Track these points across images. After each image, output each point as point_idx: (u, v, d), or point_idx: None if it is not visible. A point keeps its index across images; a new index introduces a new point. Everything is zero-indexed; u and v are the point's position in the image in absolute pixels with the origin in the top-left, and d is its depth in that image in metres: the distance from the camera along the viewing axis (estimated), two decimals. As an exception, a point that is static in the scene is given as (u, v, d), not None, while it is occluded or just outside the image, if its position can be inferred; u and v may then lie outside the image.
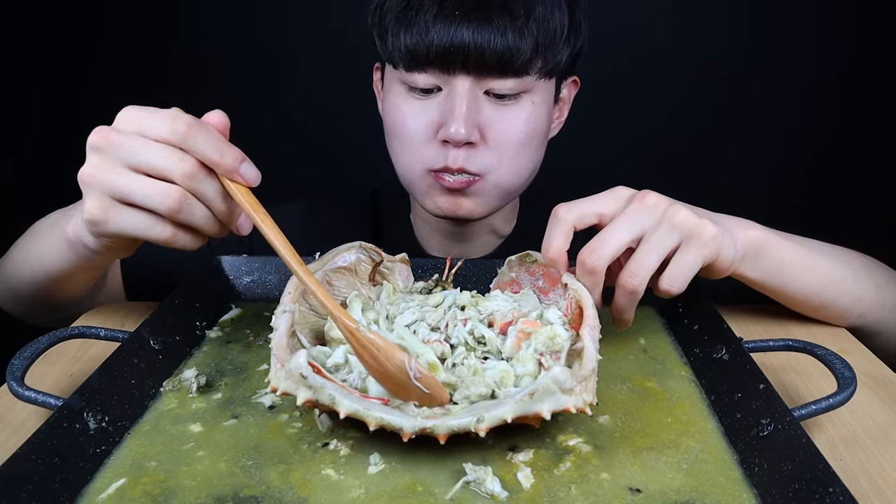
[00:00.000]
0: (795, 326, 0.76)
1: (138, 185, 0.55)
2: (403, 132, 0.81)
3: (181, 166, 0.55)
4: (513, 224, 0.98)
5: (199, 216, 0.57)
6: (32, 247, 0.75)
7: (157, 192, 0.55)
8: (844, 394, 0.53)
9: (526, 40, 0.75)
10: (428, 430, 0.47)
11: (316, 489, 0.47)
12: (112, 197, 0.56)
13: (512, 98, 0.79)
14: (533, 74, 0.78)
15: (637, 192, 0.61)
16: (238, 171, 0.56)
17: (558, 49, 0.79)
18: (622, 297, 0.60)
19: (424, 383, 0.49)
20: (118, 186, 0.56)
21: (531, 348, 0.55)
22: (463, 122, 0.76)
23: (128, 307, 0.80)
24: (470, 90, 0.77)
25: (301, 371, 0.48)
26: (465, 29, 0.73)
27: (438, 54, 0.75)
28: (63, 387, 0.63)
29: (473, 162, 0.79)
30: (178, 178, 0.55)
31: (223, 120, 0.59)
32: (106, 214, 0.57)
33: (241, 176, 0.57)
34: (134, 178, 0.56)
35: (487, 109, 0.78)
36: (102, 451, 0.50)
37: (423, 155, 0.81)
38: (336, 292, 0.64)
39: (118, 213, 0.57)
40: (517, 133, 0.80)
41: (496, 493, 0.46)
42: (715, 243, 0.60)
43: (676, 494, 0.46)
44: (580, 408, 0.49)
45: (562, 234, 0.60)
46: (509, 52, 0.74)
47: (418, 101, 0.80)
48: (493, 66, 0.75)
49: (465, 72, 0.76)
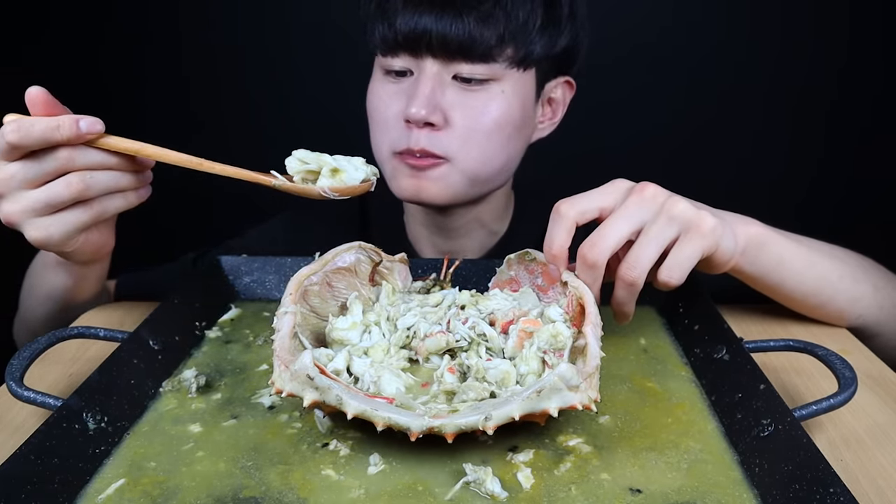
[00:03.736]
0: (796, 326, 0.76)
1: (45, 193, 0.62)
2: (375, 114, 0.85)
3: (55, 160, 0.61)
4: (507, 222, 0.98)
5: (105, 180, 0.63)
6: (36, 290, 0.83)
7: (60, 188, 0.62)
8: (845, 394, 0.53)
9: (489, 27, 0.77)
10: (436, 430, 0.47)
11: (316, 489, 0.47)
12: (38, 216, 0.63)
13: (479, 84, 0.80)
14: (501, 62, 0.80)
15: (636, 185, 0.61)
16: (81, 132, 0.61)
17: (528, 40, 0.80)
18: (622, 290, 0.60)
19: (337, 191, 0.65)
20: (37, 204, 0.62)
21: (534, 346, 0.55)
22: (423, 102, 0.79)
23: (127, 307, 0.80)
24: (437, 73, 0.80)
25: (308, 372, 0.48)
26: (429, 15, 0.77)
27: (406, 39, 0.79)
28: (62, 387, 0.63)
29: (436, 144, 0.81)
30: (64, 167, 0.61)
31: (40, 94, 0.62)
32: (47, 230, 0.63)
33: (86, 134, 0.61)
34: (40, 191, 0.62)
35: (454, 93, 0.80)
36: (102, 451, 0.50)
37: (391, 136, 0.83)
38: (336, 293, 0.64)
39: (51, 223, 0.63)
40: (482, 118, 0.81)
41: (496, 494, 0.46)
42: (714, 235, 0.60)
43: (676, 494, 0.46)
44: (586, 404, 0.49)
45: (564, 230, 0.60)
46: (471, 37, 0.77)
47: (393, 85, 0.83)
48: (457, 50, 0.78)
49: (431, 56, 0.79)
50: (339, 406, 0.48)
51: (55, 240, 0.64)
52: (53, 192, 0.62)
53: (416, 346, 0.58)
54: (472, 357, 0.56)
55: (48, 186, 0.62)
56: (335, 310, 0.63)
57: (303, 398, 0.49)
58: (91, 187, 0.62)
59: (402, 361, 0.58)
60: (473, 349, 0.57)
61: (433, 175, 0.82)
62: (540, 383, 0.47)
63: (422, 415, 0.47)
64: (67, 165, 0.61)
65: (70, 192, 0.62)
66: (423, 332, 0.58)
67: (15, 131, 0.60)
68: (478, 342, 0.58)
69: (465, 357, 0.56)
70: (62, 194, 0.62)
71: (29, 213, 0.62)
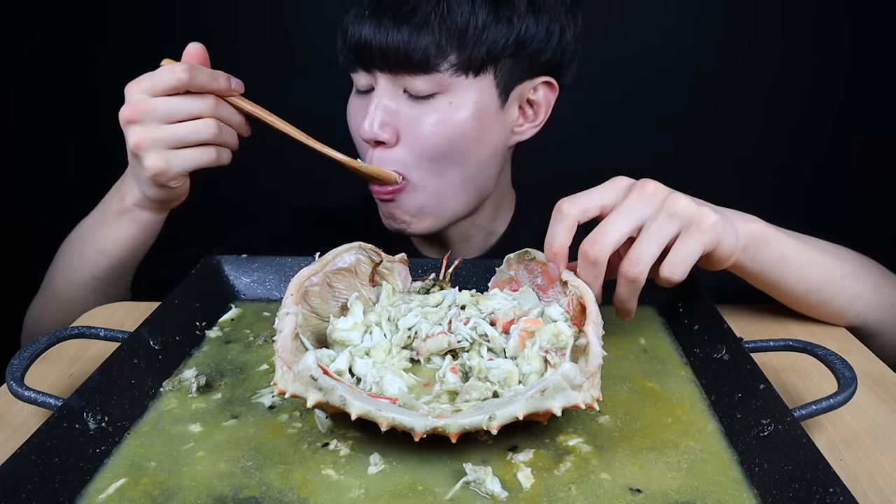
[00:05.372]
0: (796, 326, 0.76)
1: (184, 129, 0.72)
2: (352, 132, 0.86)
3: (206, 102, 0.73)
4: (507, 221, 0.98)
5: (228, 132, 0.76)
6: (86, 248, 0.84)
7: (200, 127, 0.73)
8: (845, 394, 0.53)
9: (425, 36, 0.75)
10: (440, 430, 0.47)
11: (316, 489, 0.47)
12: (167, 147, 0.72)
13: (429, 98, 0.79)
14: (445, 72, 0.77)
15: (636, 182, 0.61)
16: (231, 87, 0.75)
17: (472, 43, 0.76)
18: (624, 287, 0.60)
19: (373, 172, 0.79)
20: (169, 137, 0.72)
21: (536, 346, 0.55)
22: (373, 120, 0.79)
23: (128, 307, 0.80)
24: (387, 89, 0.79)
25: (311, 373, 0.48)
26: (367, 27, 0.77)
27: (354, 54, 0.80)
28: (63, 387, 0.63)
29: (387, 161, 0.80)
30: (208, 111, 0.73)
31: (200, 51, 0.75)
32: (168, 162, 0.72)
33: (234, 90, 0.75)
34: (176, 126, 0.72)
35: (405, 109, 0.79)
36: (102, 451, 0.50)
37: (361, 154, 0.84)
38: (336, 294, 0.64)
39: (175, 156, 0.72)
40: (431, 135, 0.79)
41: (496, 493, 0.46)
42: (715, 231, 0.60)
43: (676, 494, 0.46)
44: (589, 403, 0.49)
45: (566, 228, 0.60)
46: (407, 47, 0.75)
47: (359, 101, 0.84)
48: (397, 62, 0.77)
49: (379, 70, 0.79)
50: (343, 407, 0.48)
51: (173, 172, 0.73)
52: (193, 129, 0.72)
53: (417, 347, 0.58)
54: (474, 357, 0.56)
55: (189, 123, 0.72)
56: (336, 310, 0.63)
57: (306, 399, 0.49)
58: (221, 134, 0.74)
59: (403, 362, 0.58)
60: (475, 349, 0.58)
61: (401, 202, 0.83)
62: (543, 382, 0.48)
63: (425, 415, 0.47)
64: (211, 111, 0.73)
65: (206, 133, 0.73)
66: (424, 332, 0.58)
67: (187, 71, 0.71)
68: (479, 342, 0.58)
69: (467, 357, 0.56)
70: (200, 132, 0.72)
71: (159, 143, 0.71)
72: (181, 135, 0.72)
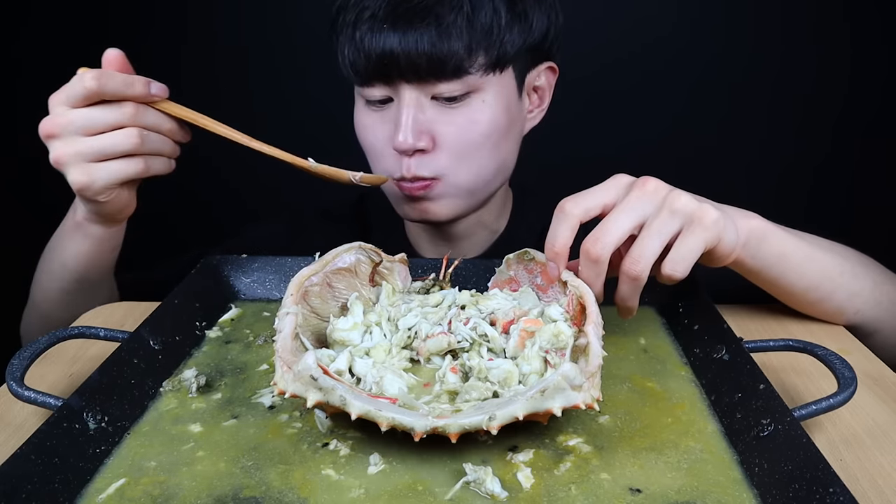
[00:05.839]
0: (796, 326, 0.76)
1: (103, 141, 0.67)
2: (366, 143, 0.85)
3: (123, 111, 0.68)
4: (505, 220, 0.98)
5: (156, 141, 0.70)
6: (52, 262, 0.83)
7: (120, 137, 0.68)
8: (845, 394, 0.53)
9: (455, 41, 0.75)
10: (440, 430, 0.47)
11: (316, 489, 0.47)
12: (87, 161, 0.68)
13: (461, 100, 0.79)
14: (476, 73, 0.78)
15: (637, 180, 0.61)
16: (150, 93, 0.69)
17: (498, 42, 0.78)
18: (625, 285, 0.60)
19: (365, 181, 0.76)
20: (88, 150, 0.67)
21: (536, 346, 0.55)
22: (408, 131, 0.78)
23: (127, 307, 0.80)
24: (415, 98, 0.78)
25: (311, 373, 0.48)
26: (392, 38, 0.75)
27: (375, 67, 0.77)
28: (63, 387, 0.63)
29: (426, 167, 0.81)
30: (127, 120, 0.68)
31: (118, 57, 0.70)
32: (90, 176, 0.68)
33: (154, 95, 0.69)
34: (95, 139, 0.67)
35: (436, 114, 0.79)
36: (102, 451, 0.50)
37: (385, 165, 0.83)
38: (337, 294, 0.64)
39: (98, 170, 0.68)
40: (469, 134, 0.80)
41: (496, 493, 0.46)
42: (716, 228, 0.60)
43: (676, 494, 0.46)
44: (589, 403, 0.49)
45: (568, 227, 0.60)
46: (438, 54, 0.75)
47: (375, 113, 0.82)
48: (428, 71, 0.76)
49: (405, 80, 0.78)
50: (343, 406, 0.48)
51: (97, 186, 0.69)
52: (112, 140, 0.67)
53: (417, 347, 0.58)
54: (474, 357, 0.56)
55: (108, 135, 0.67)
56: (335, 310, 0.63)
57: (306, 399, 0.49)
58: (145, 144, 0.69)
59: (403, 362, 0.58)
60: (475, 349, 0.58)
61: (432, 195, 0.83)
62: (543, 383, 0.48)
63: (425, 415, 0.47)
64: (130, 120, 0.67)
65: (127, 144, 0.68)
66: (424, 332, 0.58)
67: (96, 78, 0.66)
68: (479, 343, 0.58)
69: (467, 357, 0.56)
70: (119, 144, 0.68)
71: (79, 157, 0.67)
72: (99, 147, 0.67)
